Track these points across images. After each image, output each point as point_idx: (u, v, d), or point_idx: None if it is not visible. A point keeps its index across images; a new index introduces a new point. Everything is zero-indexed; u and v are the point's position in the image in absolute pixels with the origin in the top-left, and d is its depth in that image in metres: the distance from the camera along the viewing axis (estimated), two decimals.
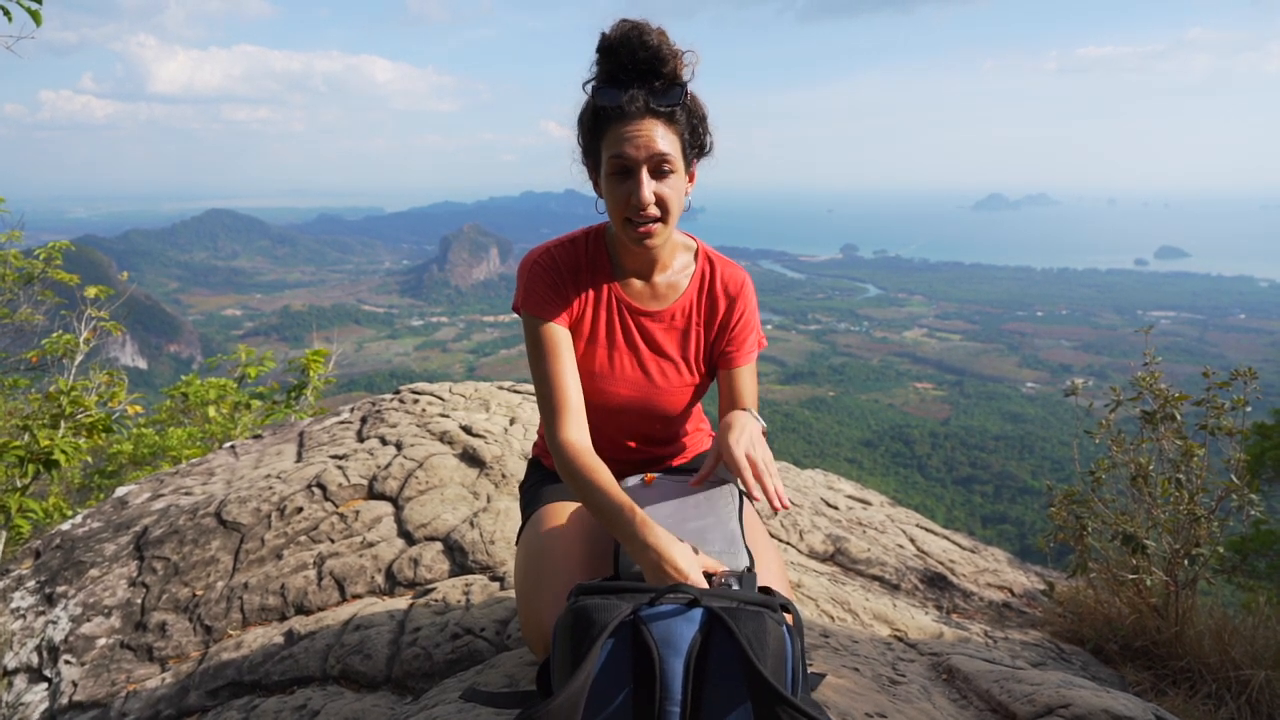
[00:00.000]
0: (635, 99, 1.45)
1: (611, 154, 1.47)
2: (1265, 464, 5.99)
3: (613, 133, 1.47)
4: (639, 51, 1.44)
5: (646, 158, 1.46)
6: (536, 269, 1.62)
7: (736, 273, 1.72)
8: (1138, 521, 2.72)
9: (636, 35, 1.43)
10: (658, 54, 1.45)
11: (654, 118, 1.47)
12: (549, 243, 1.67)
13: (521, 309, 1.62)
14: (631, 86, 1.46)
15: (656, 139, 1.46)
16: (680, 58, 1.47)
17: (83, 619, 2.59)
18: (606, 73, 1.48)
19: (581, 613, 1.14)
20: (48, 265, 5.85)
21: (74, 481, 6.04)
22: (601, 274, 1.66)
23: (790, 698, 1.04)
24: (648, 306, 1.68)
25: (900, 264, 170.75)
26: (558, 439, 1.55)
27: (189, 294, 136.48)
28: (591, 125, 1.51)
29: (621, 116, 1.46)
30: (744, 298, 1.71)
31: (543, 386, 1.59)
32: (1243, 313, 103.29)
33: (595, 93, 1.48)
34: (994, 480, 45.24)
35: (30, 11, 3.22)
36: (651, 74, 1.46)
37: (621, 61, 1.45)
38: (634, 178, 1.48)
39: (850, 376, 77.98)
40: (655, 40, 1.44)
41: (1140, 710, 1.67)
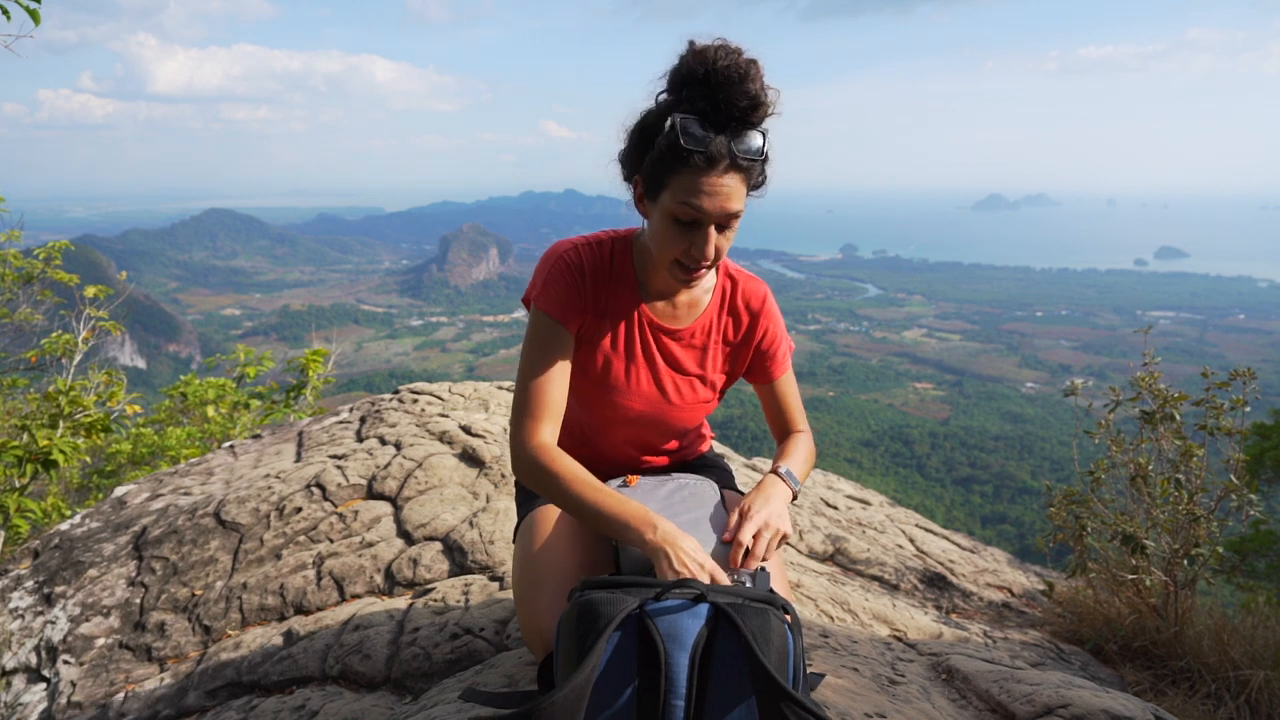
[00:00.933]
0: (723, 149, 1.34)
1: (682, 202, 1.37)
2: (1264, 464, 5.99)
3: (689, 178, 1.36)
4: (739, 99, 1.32)
5: (718, 214, 1.38)
6: (561, 265, 1.55)
7: (757, 288, 1.67)
8: (1137, 522, 2.72)
9: (740, 77, 1.31)
10: (757, 102, 1.34)
11: (736, 171, 1.37)
12: (577, 239, 1.59)
13: (534, 302, 1.55)
14: (722, 131, 1.34)
15: (734, 197, 1.38)
16: (772, 105, 1.37)
17: (81, 619, 2.59)
18: (698, 109, 1.34)
19: (587, 606, 1.14)
20: (47, 265, 5.85)
21: (73, 481, 6.04)
22: (626, 286, 1.60)
23: (794, 693, 1.04)
24: (670, 324, 1.63)
25: (900, 264, 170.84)
26: (531, 441, 1.49)
27: (188, 294, 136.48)
28: (664, 157, 1.37)
29: (705, 165, 1.34)
30: (767, 313, 1.67)
31: (528, 384, 1.53)
32: (1242, 313, 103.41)
33: (682, 129, 1.34)
34: (993, 480, 45.27)
35: (29, 10, 3.21)
36: (744, 122, 1.35)
37: (717, 101, 1.33)
38: (700, 230, 1.40)
39: (850, 376, 78.01)
40: (757, 88, 1.33)
41: (1139, 710, 1.67)
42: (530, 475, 1.49)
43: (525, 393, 1.53)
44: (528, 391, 1.52)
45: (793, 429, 1.73)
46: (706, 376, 1.68)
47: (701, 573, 1.29)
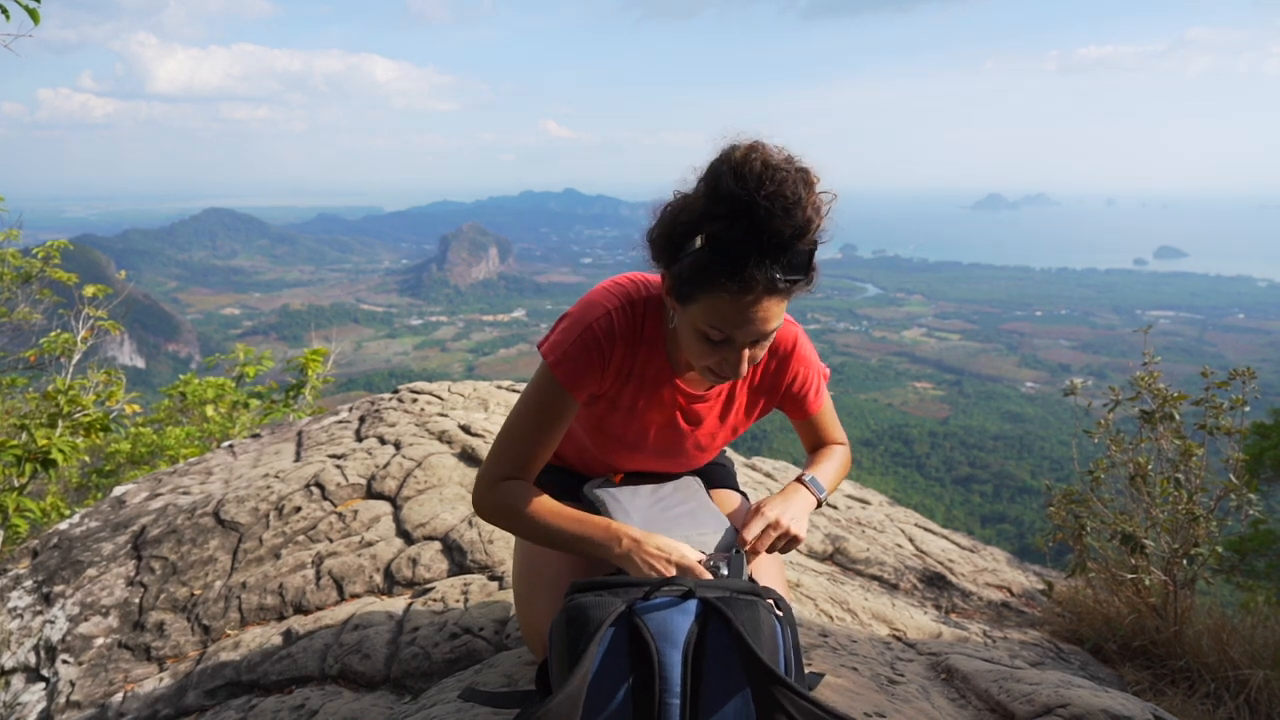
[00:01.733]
0: (760, 275, 1.20)
1: (713, 324, 1.27)
2: (1264, 463, 5.99)
3: (719, 302, 1.24)
4: (785, 229, 1.18)
5: (754, 338, 1.29)
6: (590, 336, 1.42)
7: (787, 330, 1.55)
8: (1136, 521, 2.72)
9: (785, 209, 1.16)
10: (803, 229, 1.19)
11: (776, 295, 1.24)
12: (610, 303, 1.45)
13: (549, 366, 1.44)
14: (761, 257, 1.19)
15: (771, 319, 1.27)
16: (823, 221, 1.23)
17: (80, 619, 2.59)
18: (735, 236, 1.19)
19: (576, 611, 1.14)
20: (46, 264, 5.84)
21: (72, 481, 6.04)
22: (656, 353, 1.49)
23: (786, 679, 1.05)
24: (696, 389, 1.56)
25: (899, 264, 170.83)
26: (497, 485, 1.46)
27: (187, 293, 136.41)
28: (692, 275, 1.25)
29: (739, 292, 1.22)
30: (797, 356, 1.57)
31: (518, 441, 1.46)
32: (1241, 312, 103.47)
33: (715, 254, 1.20)
34: (993, 480, 45.27)
35: (28, 10, 3.21)
36: (786, 249, 1.20)
37: (758, 231, 1.18)
38: (733, 351, 1.31)
39: (849, 376, 77.99)
40: (805, 216, 1.18)
41: (1139, 710, 1.67)
42: (492, 517, 1.48)
43: (513, 447, 1.47)
44: (514, 446, 1.47)
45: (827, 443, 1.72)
46: (725, 429, 1.65)
47: (669, 567, 1.30)
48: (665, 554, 1.32)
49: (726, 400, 1.60)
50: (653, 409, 1.56)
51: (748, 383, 1.60)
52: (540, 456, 1.48)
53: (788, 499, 1.49)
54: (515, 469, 1.47)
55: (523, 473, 1.48)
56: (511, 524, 1.46)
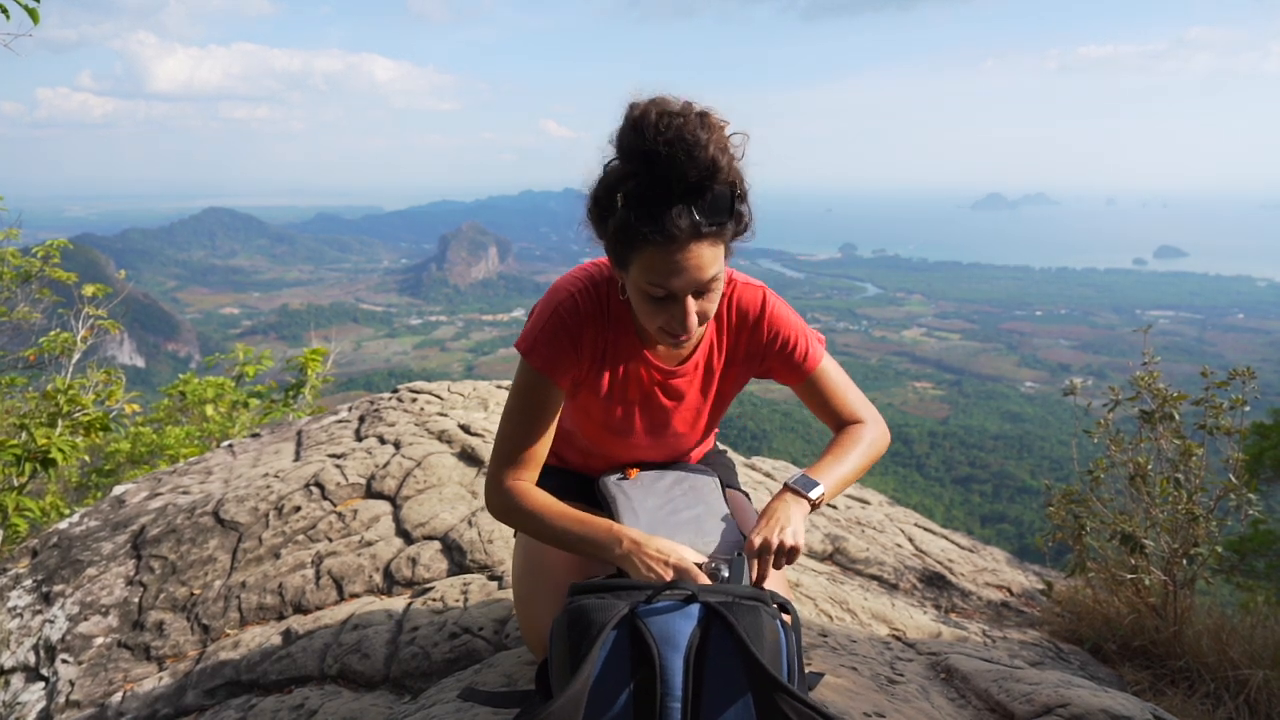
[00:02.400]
0: (681, 221, 1.22)
1: (651, 281, 1.29)
2: (1264, 463, 5.99)
3: (652, 257, 1.26)
4: (691, 172, 1.20)
5: (692, 286, 1.29)
6: (558, 320, 1.45)
7: (754, 294, 1.55)
8: (1136, 521, 2.72)
9: (686, 151, 1.19)
10: (713, 169, 1.21)
11: (702, 239, 1.26)
12: (573, 286, 1.48)
13: (525, 357, 1.47)
14: (678, 203, 1.22)
15: (706, 265, 1.28)
16: (734, 164, 1.25)
17: (80, 618, 2.59)
18: (646, 187, 1.23)
19: (579, 613, 1.14)
20: (45, 263, 5.84)
21: (71, 480, 6.03)
22: (625, 331, 1.51)
23: (788, 686, 1.05)
24: (669, 364, 1.56)
25: (899, 263, 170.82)
26: (503, 484, 1.48)
27: (187, 292, 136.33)
28: (620, 237, 1.28)
29: (666, 243, 1.24)
30: (769, 317, 1.55)
31: (513, 436, 1.49)
32: (1241, 312, 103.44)
33: (633, 209, 1.23)
34: (992, 480, 45.25)
35: (28, 10, 3.21)
36: (700, 191, 1.23)
37: (667, 178, 1.21)
38: (677, 304, 1.31)
39: (849, 375, 77.99)
40: (707, 155, 1.20)
41: (1138, 710, 1.67)
42: (504, 515, 1.51)
43: (509, 442, 1.49)
44: (509, 443, 1.49)
45: (846, 421, 1.61)
46: (709, 403, 1.64)
47: (666, 569, 1.29)
48: (664, 556, 1.32)
49: (705, 374, 1.59)
50: (631, 388, 1.56)
51: (726, 351, 1.58)
52: (537, 449, 1.50)
53: (773, 516, 1.41)
54: (515, 466, 1.49)
55: (524, 468, 1.49)
56: (520, 524, 1.49)
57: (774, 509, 1.43)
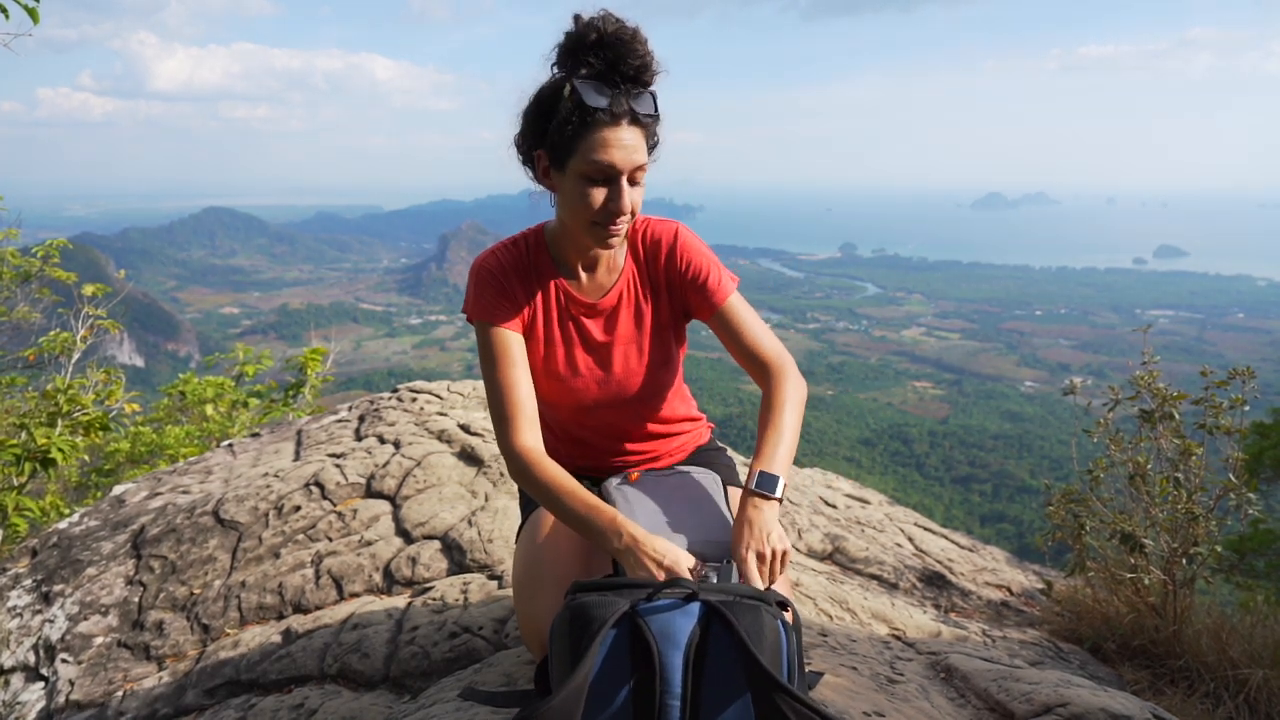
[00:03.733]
0: (623, 105, 1.42)
1: (593, 159, 1.43)
2: (1263, 463, 5.99)
3: (596, 137, 1.42)
4: (632, 58, 1.41)
5: (628, 165, 1.44)
6: (483, 274, 1.60)
7: (665, 226, 1.66)
8: (1136, 520, 2.72)
9: (630, 39, 1.41)
10: (646, 62, 1.43)
11: (636, 125, 1.45)
12: (494, 246, 1.65)
13: (471, 316, 1.61)
14: (619, 89, 1.42)
15: (639, 150, 1.45)
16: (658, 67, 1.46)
17: (80, 618, 2.59)
18: (595, 71, 1.42)
19: (579, 610, 1.14)
20: (45, 263, 5.84)
21: (71, 480, 6.03)
22: (546, 274, 1.63)
23: (788, 686, 1.05)
24: (595, 299, 1.65)
25: (899, 263, 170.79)
26: (512, 445, 1.52)
27: (187, 292, 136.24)
28: (568, 121, 1.43)
29: (610, 121, 1.42)
30: (683, 245, 1.65)
31: (494, 393, 1.56)
32: (1241, 312, 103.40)
33: (583, 90, 1.41)
34: (992, 479, 45.25)
35: (28, 9, 3.21)
36: (637, 81, 1.43)
37: (612, 63, 1.41)
38: (615, 185, 1.45)
39: (849, 375, 77.98)
40: (644, 50, 1.42)
41: (1138, 709, 1.67)
42: (519, 480, 1.54)
43: (494, 402, 1.56)
44: (493, 401, 1.57)
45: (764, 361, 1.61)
46: (646, 335, 1.67)
47: (659, 570, 1.29)
48: (659, 557, 1.31)
49: (634, 306, 1.66)
50: (564, 326, 1.65)
51: (647, 280, 1.66)
52: (522, 397, 1.55)
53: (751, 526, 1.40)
54: (513, 422, 1.53)
55: (523, 422, 1.53)
56: (533, 491, 1.51)
57: (749, 519, 1.41)
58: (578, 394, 1.68)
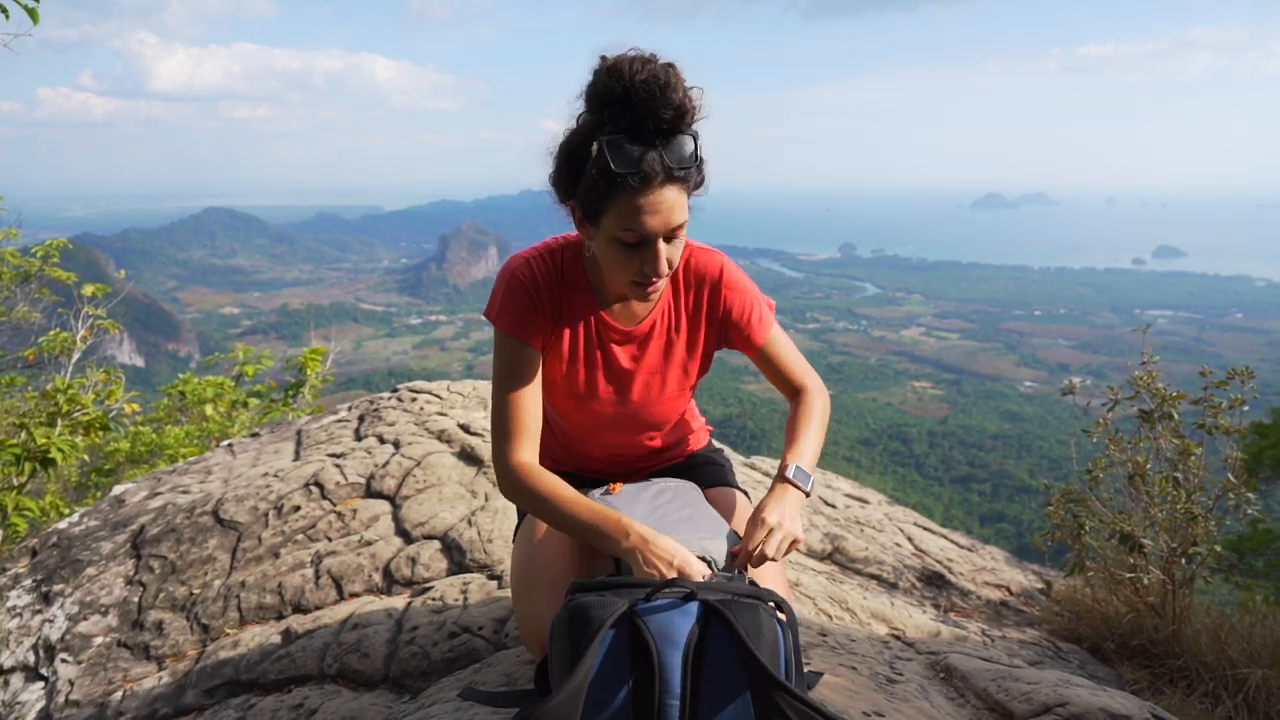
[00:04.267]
0: (656, 165, 1.31)
1: (626, 226, 1.35)
2: (1263, 463, 5.99)
3: (627, 201, 1.33)
4: (664, 111, 1.29)
5: (664, 228, 1.36)
6: (515, 282, 1.53)
7: (712, 259, 1.61)
8: (1135, 520, 2.73)
9: (659, 90, 1.28)
10: (682, 110, 1.31)
11: (673, 183, 1.34)
12: (528, 252, 1.58)
13: (494, 323, 1.54)
14: (651, 147, 1.31)
15: (676, 209, 1.36)
16: (698, 108, 1.34)
17: (79, 617, 2.59)
18: (622, 128, 1.31)
19: (578, 610, 1.14)
20: (45, 263, 5.84)
21: (71, 480, 6.03)
22: (581, 293, 1.58)
23: (787, 684, 1.05)
24: (628, 325, 1.61)
25: (898, 263, 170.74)
26: (509, 461, 1.51)
27: (187, 292, 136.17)
28: (597, 184, 1.34)
29: (641, 185, 1.31)
30: (727, 283, 1.61)
31: (501, 405, 1.53)
32: (1240, 312, 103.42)
33: (611, 152, 1.30)
34: (992, 479, 45.26)
35: (28, 10, 3.21)
36: (672, 132, 1.32)
37: (640, 118, 1.30)
38: (649, 248, 1.38)
39: (848, 375, 77.98)
40: (679, 96, 1.30)
41: (1137, 709, 1.67)
42: (514, 495, 1.54)
43: (499, 414, 1.53)
44: (502, 413, 1.53)
45: (798, 386, 1.68)
46: (673, 367, 1.66)
47: (670, 569, 1.30)
48: (669, 557, 1.32)
49: (667, 335, 1.63)
50: (591, 349, 1.61)
51: (684, 313, 1.63)
52: (528, 414, 1.53)
53: (781, 501, 1.48)
54: (515, 438, 1.52)
55: (524, 439, 1.52)
56: (529, 505, 1.50)
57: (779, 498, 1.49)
58: (592, 415, 1.67)
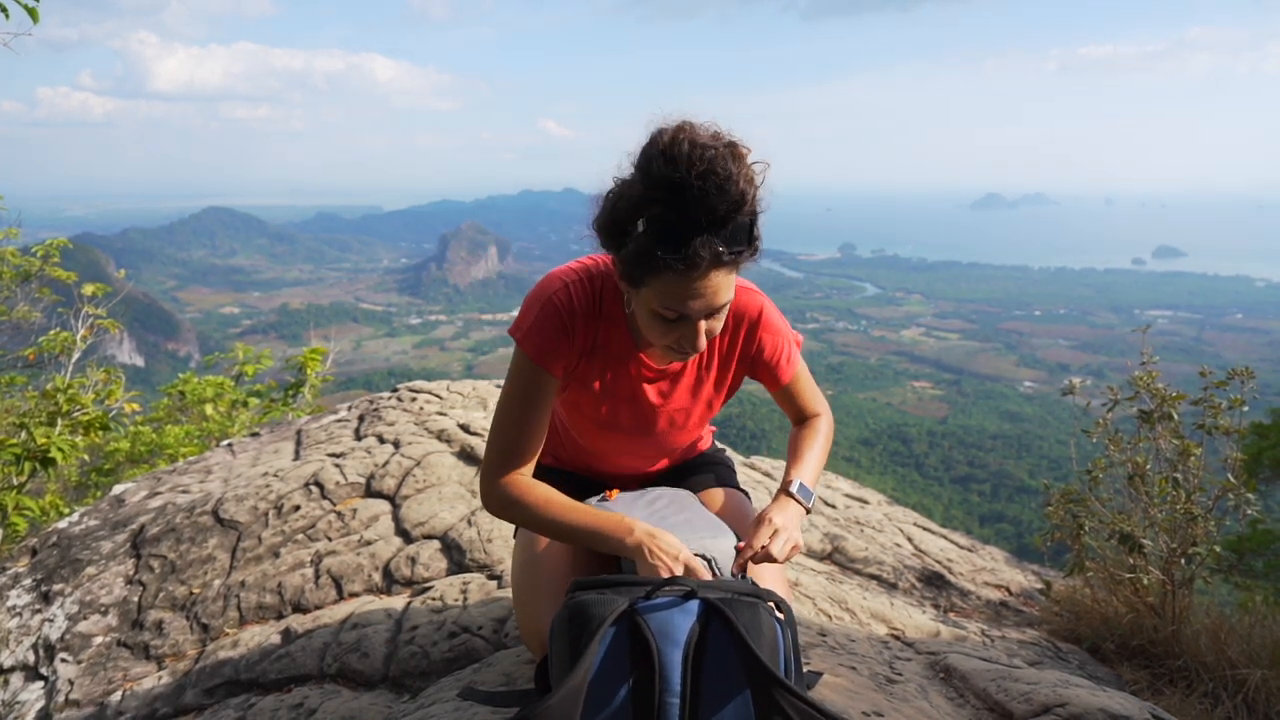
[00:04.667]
0: (704, 251, 1.23)
1: (666, 305, 1.30)
2: (1262, 463, 5.99)
3: (670, 282, 1.27)
4: (720, 205, 1.20)
5: (707, 312, 1.32)
6: (550, 309, 1.46)
7: (753, 299, 1.56)
8: (1135, 520, 2.73)
9: (717, 185, 1.19)
10: (741, 202, 1.22)
11: (722, 267, 1.28)
12: (566, 274, 1.49)
13: (519, 345, 1.47)
14: (702, 232, 1.22)
15: (721, 292, 1.30)
16: (758, 191, 1.25)
17: (79, 617, 2.59)
18: (673, 217, 1.22)
19: (578, 608, 1.15)
20: (45, 263, 5.84)
21: (71, 479, 6.03)
22: (618, 328, 1.52)
23: (786, 681, 1.05)
24: (662, 364, 1.57)
25: (898, 263, 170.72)
26: (497, 480, 1.48)
27: (187, 292, 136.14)
28: (639, 260, 1.28)
29: (687, 269, 1.25)
30: (765, 325, 1.57)
31: (506, 429, 1.48)
32: (1239, 312, 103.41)
33: (657, 238, 1.23)
34: (991, 479, 45.26)
35: (28, 9, 3.21)
36: (727, 220, 1.23)
37: (695, 210, 1.21)
38: (689, 324, 1.34)
39: (848, 375, 77.98)
40: (738, 189, 1.20)
41: (1137, 709, 1.68)
42: (501, 511, 1.50)
43: (502, 434, 1.49)
44: (504, 436, 1.49)
45: (807, 415, 1.70)
46: (699, 404, 1.66)
47: (676, 564, 1.31)
48: (675, 551, 1.33)
49: (697, 374, 1.61)
50: (620, 383, 1.57)
51: (717, 354, 1.60)
52: (532, 440, 1.49)
53: (784, 509, 1.48)
54: (511, 457, 1.49)
55: (519, 459, 1.49)
56: (523, 516, 1.47)
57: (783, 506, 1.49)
58: (611, 441, 1.68)
